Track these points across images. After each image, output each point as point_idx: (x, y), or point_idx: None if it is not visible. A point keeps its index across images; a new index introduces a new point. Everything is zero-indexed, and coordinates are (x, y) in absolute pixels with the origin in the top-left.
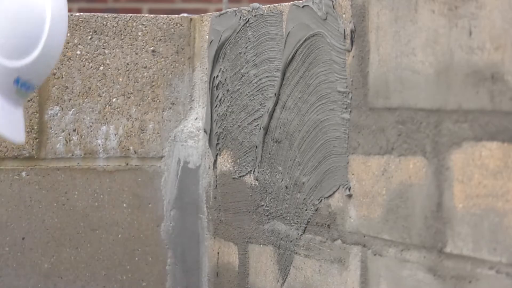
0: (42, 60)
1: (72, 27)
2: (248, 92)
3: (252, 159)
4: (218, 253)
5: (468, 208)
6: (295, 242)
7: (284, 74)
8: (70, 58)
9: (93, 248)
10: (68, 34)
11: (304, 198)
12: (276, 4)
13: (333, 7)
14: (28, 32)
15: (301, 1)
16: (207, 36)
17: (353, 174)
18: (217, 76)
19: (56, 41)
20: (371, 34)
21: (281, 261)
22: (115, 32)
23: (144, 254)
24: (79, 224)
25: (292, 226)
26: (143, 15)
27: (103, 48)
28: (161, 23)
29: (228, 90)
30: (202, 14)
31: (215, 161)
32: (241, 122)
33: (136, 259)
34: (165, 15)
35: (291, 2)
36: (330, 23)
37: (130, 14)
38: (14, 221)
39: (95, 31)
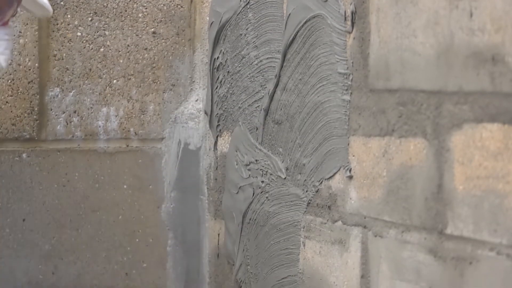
0: None
1: (73, 9)
2: (249, 74)
3: None
4: (218, 234)
5: (469, 190)
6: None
7: (284, 55)
8: (70, 39)
9: (94, 229)
10: (69, 16)
11: (305, 180)
12: None
13: None
14: None
15: None
16: (207, 18)
17: (353, 156)
18: (217, 57)
19: None
20: (371, 15)
21: None
22: (115, 14)
23: (144, 235)
24: (80, 205)
25: None
26: None
27: (104, 30)
28: (162, 5)
29: (228, 71)
30: None
31: (216, 142)
32: (241, 103)
33: (137, 240)
34: None
35: None
36: (331, 4)
37: None
38: (15, 202)
39: (95, 13)
